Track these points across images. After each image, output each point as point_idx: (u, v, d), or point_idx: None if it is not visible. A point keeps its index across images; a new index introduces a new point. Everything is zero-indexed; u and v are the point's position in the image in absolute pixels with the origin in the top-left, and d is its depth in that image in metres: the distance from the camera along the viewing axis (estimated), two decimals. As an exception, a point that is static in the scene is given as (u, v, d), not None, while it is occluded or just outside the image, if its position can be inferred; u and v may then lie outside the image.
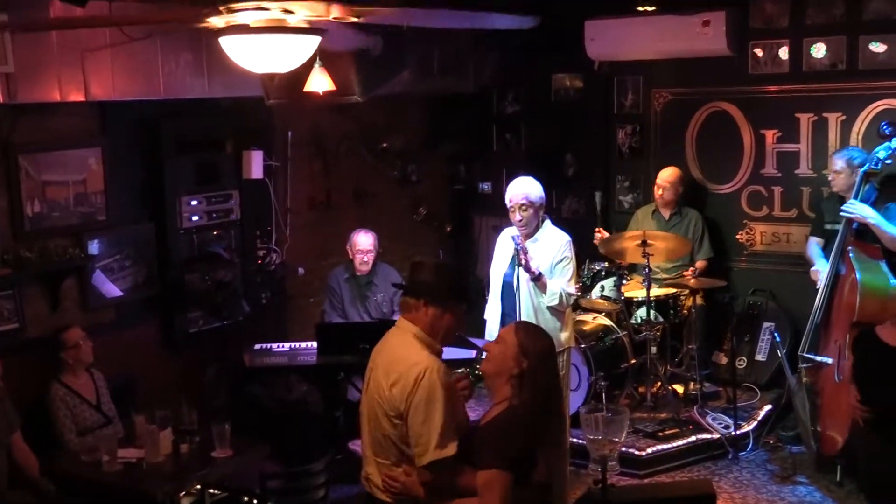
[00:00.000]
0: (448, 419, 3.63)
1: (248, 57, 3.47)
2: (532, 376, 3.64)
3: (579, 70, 8.63)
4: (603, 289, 7.63)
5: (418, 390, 3.62)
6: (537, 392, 3.64)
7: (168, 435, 5.36)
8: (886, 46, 7.25)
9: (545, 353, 3.73)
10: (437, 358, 3.76)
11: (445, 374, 3.71)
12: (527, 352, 3.65)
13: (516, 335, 3.71)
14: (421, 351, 3.76)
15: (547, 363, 3.73)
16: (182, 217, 6.85)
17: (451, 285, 3.84)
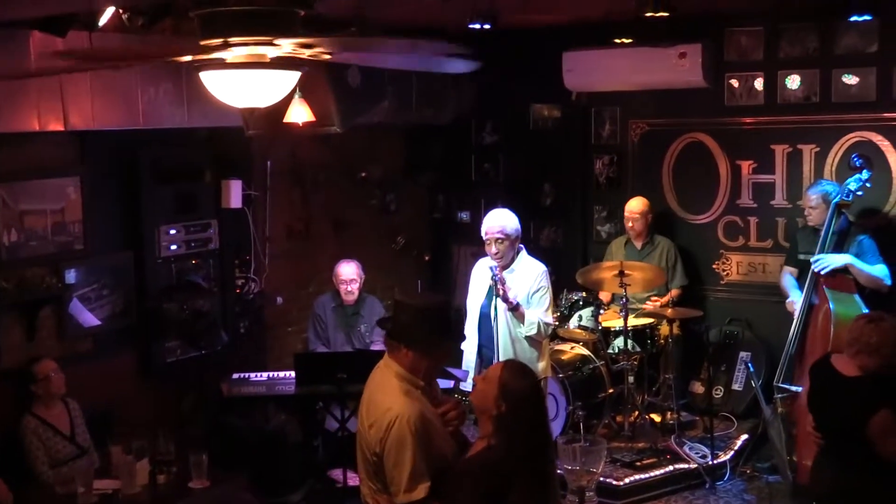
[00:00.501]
0: (417, 463, 3.66)
1: (228, 92, 3.49)
2: (510, 419, 3.59)
3: (557, 101, 8.69)
4: (580, 318, 7.67)
5: (389, 436, 3.68)
6: (514, 436, 3.58)
7: (145, 465, 5.33)
8: (859, 79, 7.36)
9: (526, 395, 3.64)
10: (412, 402, 3.75)
11: (419, 419, 3.70)
12: (507, 393, 3.61)
13: (500, 375, 3.68)
14: (397, 396, 3.77)
15: (528, 405, 3.65)
16: (160, 246, 6.85)
17: (433, 329, 3.81)
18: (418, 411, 3.72)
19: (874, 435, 4.33)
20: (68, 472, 5.39)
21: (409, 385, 3.82)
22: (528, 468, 3.58)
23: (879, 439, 4.33)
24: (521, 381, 3.65)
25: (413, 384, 3.83)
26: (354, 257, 7.56)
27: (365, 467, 3.91)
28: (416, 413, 3.71)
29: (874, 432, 4.33)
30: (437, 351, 3.88)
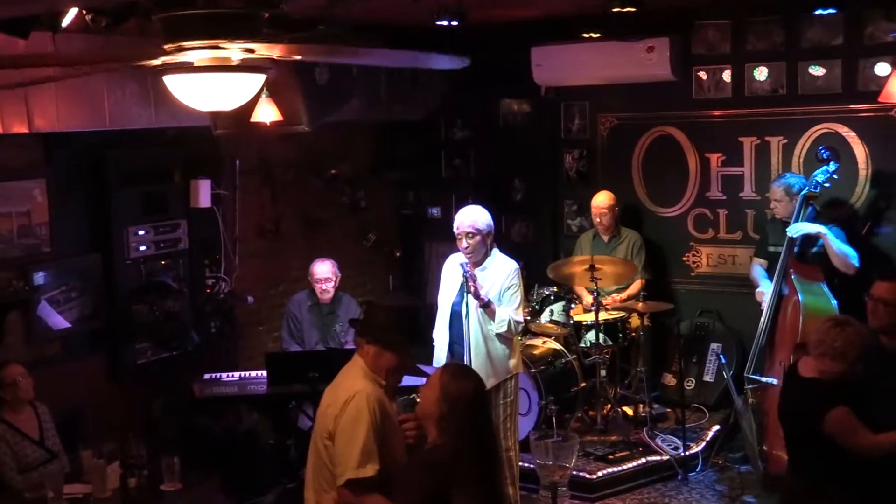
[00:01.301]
0: (369, 442, 3.77)
1: (193, 96, 3.47)
2: (450, 419, 3.61)
3: (526, 96, 8.71)
4: (552, 313, 7.69)
5: (346, 411, 3.81)
6: (457, 436, 3.59)
7: (115, 469, 5.29)
8: (825, 70, 7.41)
9: (465, 396, 3.65)
10: (374, 386, 3.90)
11: (378, 402, 3.83)
12: (446, 395, 3.63)
13: (440, 378, 3.71)
14: (359, 379, 3.94)
15: (467, 405, 3.65)
16: (129, 247, 6.80)
17: (390, 327, 3.95)
18: (377, 398, 3.85)
19: (832, 432, 4.33)
20: (38, 478, 5.33)
21: (373, 383, 3.98)
22: (472, 468, 3.58)
23: (839, 437, 4.33)
24: (461, 382, 3.67)
25: (376, 382, 3.97)
26: (325, 255, 7.53)
27: (314, 463, 4.03)
28: (375, 399, 3.84)
29: (832, 428, 4.33)
30: (394, 349, 3.97)
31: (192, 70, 3.39)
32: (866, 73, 7.24)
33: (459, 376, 3.70)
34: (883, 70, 7.06)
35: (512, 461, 6.13)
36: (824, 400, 4.37)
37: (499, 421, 6.07)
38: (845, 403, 4.34)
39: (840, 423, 4.32)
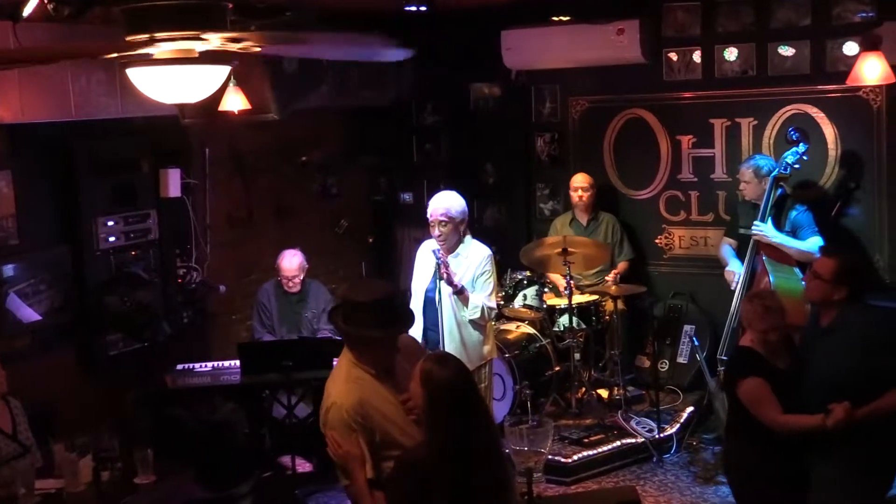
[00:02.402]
0: (350, 451, 3.78)
1: (157, 88, 3.42)
2: (430, 412, 3.54)
3: (497, 80, 8.69)
4: (525, 297, 7.70)
5: (327, 424, 3.88)
6: (436, 428, 3.51)
7: (88, 463, 5.22)
8: (795, 50, 7.43)
9: (444, 383, 3.54)
10: (352, 390, 3.87)
11: (353, 408, 3.81)
12: (426, 382, 3.55)
13: (421, 367, 3.64)
14: (339, 384, 3.93)
15: (446, 393, 3.54)
16: (98, 238, 6.72)
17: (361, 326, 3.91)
18: (356, 400, 3.81)
19: (743, 399, 4.57)
20: (9, 474, 5.27)
21: (360, 372, 3.95)
22: (453, 464, 3.47)
23: (748, 406, 4.55)
24: (440, 369, 3.58)
25: (365, 371, 3.95)
26: (297, 243, 7.50)
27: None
28: (353, 402, 3.81)
29: (742, 396, 4.57)
30: (372, 345, 3.93)
31: (155, 62, 3.35)
32: (834, 53, 7.26)
33: (437, 365, 3.61)
34: (851, 50, 7.08)
35: (487, 447, 6.14)
36: (742, 368, 4.64)
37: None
38: (763, 376, 4.52)
39: (749, 393, 4.55)
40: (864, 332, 4.46)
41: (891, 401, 4.34)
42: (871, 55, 6.42)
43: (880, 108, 7.17)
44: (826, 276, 4.55)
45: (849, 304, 4.52)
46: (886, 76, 6.45)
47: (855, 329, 4.47)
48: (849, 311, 4.51)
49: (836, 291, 4.52)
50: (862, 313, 4.54)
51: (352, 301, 3.94)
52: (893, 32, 6.72)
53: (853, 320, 4.48)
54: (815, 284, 4.63)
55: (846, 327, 4.49)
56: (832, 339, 4.51)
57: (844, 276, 4.53)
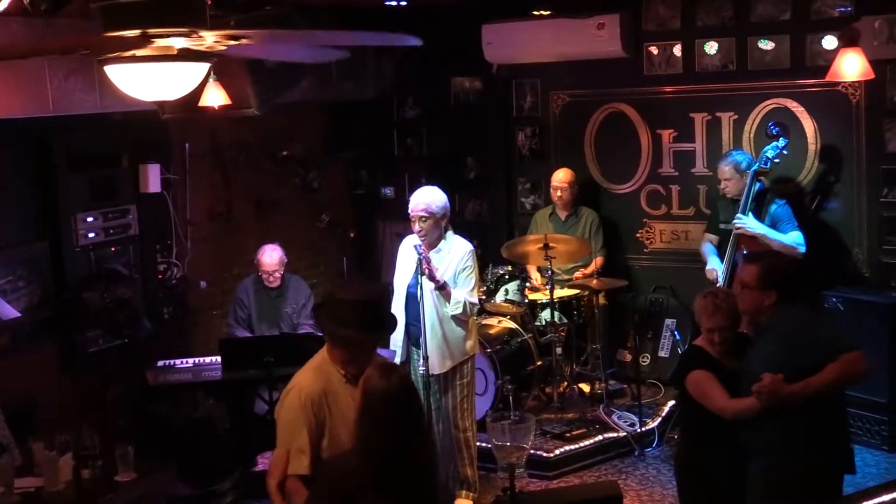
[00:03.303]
0: (297, 438, 3.78)
1: (136, 86, 3.39)
2: (363, 422, 3.38)
3: (478, 74, 8.68)
4: (507, 292, 7.70)
5: (283, 405, 3.88)
6: (366, 440, 3.35)
7: (68, 461, 5.19)
8: (775, 44, 7.45)
9: (381, 394, 3.37)
10: (317, 379, 3.87)
11: (317, 397, 3.79)
12: (364, 392, 3.42)
13: (365, 375, 3.51)
14: (305, 372, 3.95)
15: (381, 405, 3.37)
16: (78, 234, 6.67)
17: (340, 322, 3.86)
18: (319, 389, 3.80)
19: (692, 395, 4.60)
20: (-12, 473, 5.25)
21: (331, 368, 3.93)
22: (376, 478, 3.33)
23: (695, 397, 4.58)
24: (380, 379, 3.42)
25: (335, 370, 3.94)
26: (278, 238, 7.48)
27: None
28: (314, 389, 3.80)
29: (689, 388, 4.61)
30: (344, 343, 3.89)
31: (133, 60, 3.32)
32: (814, 47, 7.29)
33: (379, 374, 3.44)
34: (830, 44, 7.11)
35: (469, 442, 6.16)
36: (689, 365, 4.67)
37: (456, 402, 6.11)
38: (710, 369, 4.54)
39: (694, 385, 4.58)
40: (787, 332, 4.40)
41: (829, 375, 4.24)
42: (849, 51, 6.45)
43: (859, 102, 7.20)
44: (752, 283, 4.49)
45: (781, 306, 4.43)
46: (865, 72, 6.48)
47: (779, 329, 4.42)
48: (779, 312, 4.43)
49: (765, 297, 4.43)
50: (790, 314, 4.44)
51: (337, 298, 3.91)
52: (871, 27, 6.77)
53: (780, 321, 4.42)
54: (743, 294, 4.54)
55: (773, 328, 4.45)
56: (762, 339, 4.49)
57: (770, 280, 4.46)
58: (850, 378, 4.33)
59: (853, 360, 4.24)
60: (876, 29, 6.78)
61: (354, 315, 3.81)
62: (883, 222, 7.22)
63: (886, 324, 6.69)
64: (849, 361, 4.23)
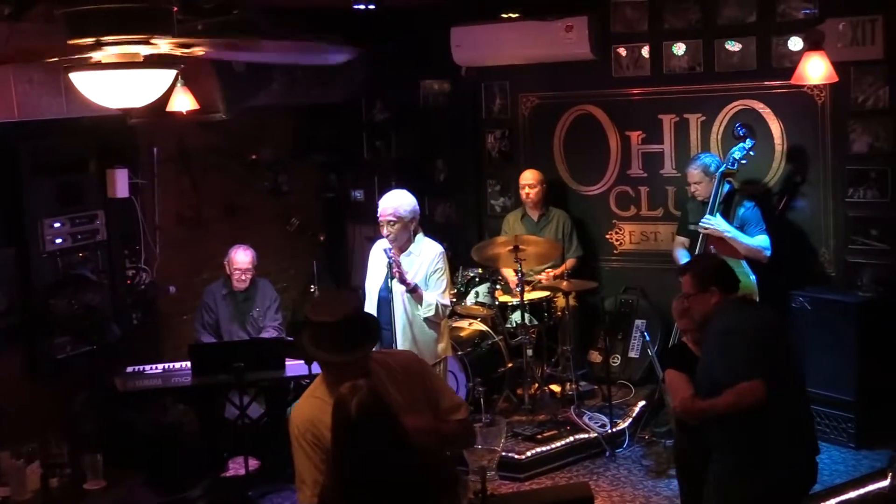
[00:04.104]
0: (297, 467, 3.71)
1: (101, 93, 3.36)
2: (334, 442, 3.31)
3: (447, 76, 8.69)
4: (477, 295, 7.71)
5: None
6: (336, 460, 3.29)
7: (35, 469, 5.17)
8: (741, 45, 7.50)
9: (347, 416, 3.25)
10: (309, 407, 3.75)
11: (303, 426, 3.69)
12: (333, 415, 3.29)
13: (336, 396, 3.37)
14: (303, 399, 3.84)
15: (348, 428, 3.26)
16: (44, 240, 6.61)
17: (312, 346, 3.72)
18: (306, 417, 3.71)
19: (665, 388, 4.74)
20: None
21: (325, 390, 3.76)
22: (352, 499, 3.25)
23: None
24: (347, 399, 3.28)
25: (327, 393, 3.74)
26: (248, 241, 7.44)
27: None
28: (304, 419, 3.71)
29: (665, 384, 4.77)
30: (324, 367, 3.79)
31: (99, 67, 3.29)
32: (780, 49, 7.35)
33: (345, 396, 3.30)
34: (796, 45, 7.18)
35: (441, 444, 6.15)
36: (669, 360, 4.86)
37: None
38: (688, 366, 4.53)
39: (667, 382, 4.70)
40: (717, 330, 4.41)
41: (726, 400, 4.22)
42: (814, 55, 6.53)
43: (824, 103, 7.27)
44: (693, 290, 4.52)
45: (723, 302, 4.46)
46: (829, 75, 6.57)
47: (712, 326, 4.45)
48: (721, 308, 4.46)
49: (710, 296, 4.47)
50: (723, 311, 4.45)
51: (313, 321, 3.71)
52: (836, 29, 6.83)
53: (715, 318, 4.45)
54: (691, 304, 4.56)
55: (711, 325, 4.47)
56: (706, 337, 4.53)
57: (707, 279, 4.50)
58: (743, 407, 4.20)
59: (745, 391, 4.17)
60: (840, 31, 6.85)
61: (332, 337, 3.63)
62: (848, 222, 7.29)
63: (853, 323, 6.76)
64: (742, 391, 4.18)
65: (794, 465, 4.38)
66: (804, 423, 4.46)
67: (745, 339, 4.29)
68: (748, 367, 4.21)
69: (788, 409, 4.32)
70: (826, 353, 6.83)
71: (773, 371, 4.24)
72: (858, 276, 7.17)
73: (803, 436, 4.42)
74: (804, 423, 4.46)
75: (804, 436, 4.43)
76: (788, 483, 4.35)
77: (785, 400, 4.28)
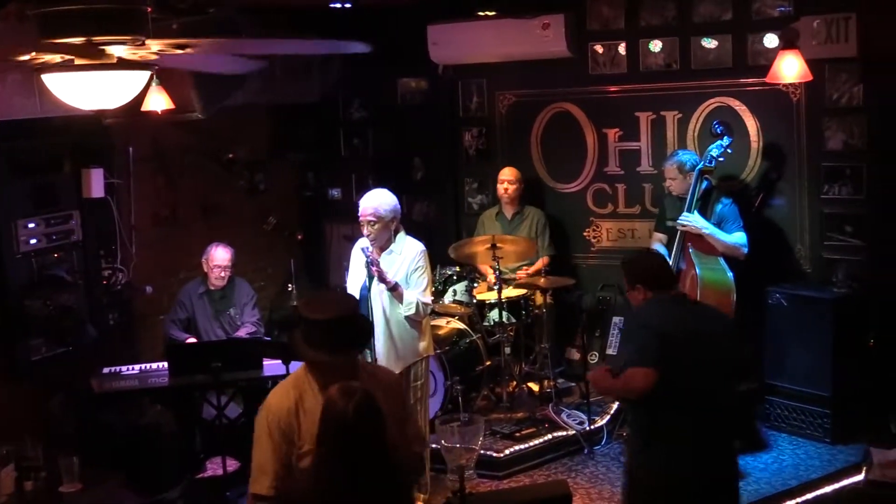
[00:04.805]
0: (261, 459, 3.67)
1: (74, 95, 3.33)
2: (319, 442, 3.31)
3: (424, 74, 8.68)
4: (455, 293, 7.71)
5: (255, 422, 3.75)
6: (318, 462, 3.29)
7: (10, 472, 5.12)
8: (717, 43, 7.52)
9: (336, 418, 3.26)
10: (286, 396, 3.73)
11: (277, 415, 3.66)
12: (322, 414, 3.30)
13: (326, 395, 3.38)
14: (279, 387, 3.82)
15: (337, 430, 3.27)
16: (19, 241, 6.57)
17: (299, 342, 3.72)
18: (283, 407, 3.68)
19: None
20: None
21: (310, 380, 3.75)
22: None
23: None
24: (336, 403, 3.31)
25: (312, 383, 3.76)
26: (225, 240, 7.42)
27: None
28: (282, 408, 3.68)
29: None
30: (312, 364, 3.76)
31: (71, 68, 3.26)
32: (755, 47, 7.37)
33: (338, 398, 3.32)
34: (771, 42, 7.21)
35: (422, 444, 6.15)
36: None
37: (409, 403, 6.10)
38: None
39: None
40: (630, 321, 4.73)
41: (617, 383, 4.50)
42: (789, 53, 6.57)
43: (800, 100, 7.30)
44: (627, 287, 4.75)
45: (654, 298, 4.60)
46: (804, 74, 6.61)
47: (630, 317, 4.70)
48: (646, 303, 4.62)
49: (637, 293, 4.65)
50: (647, 305, 4.62)
51: (307, 318, 3.69)
52: (810, 27, 6.86)
53: (638, 311, 4.65)
54: (627, 297, 4.78)
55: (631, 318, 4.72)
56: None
57: (633, 276, 4.68)
58: (632, 391, 4.45)
59: (632, 376, 4.37)
60: (815, 29, 6.87)
61: (324, 336, 3.61)
62: (824, 218, 7.32)
63: (828, 319, 6.80)
64: (629, 375, 4.39)
65: (673, 468, 4.47)
66: (697, 436, 4.45)
67: (648, 331, 4.44)
68: (639, 354, 4.40)
69: (679, 412, 4.40)
70: (802, 348, 6.88)
71: (671, 368, 4.34)
72: (834, 272, 7.21)
73: (690, 447, 4.45)
74: (697, 436, 4.45)
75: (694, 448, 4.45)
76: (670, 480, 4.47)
77: (677, 401, 4.38)
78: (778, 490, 6.25)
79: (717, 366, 4.49)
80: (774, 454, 6.81)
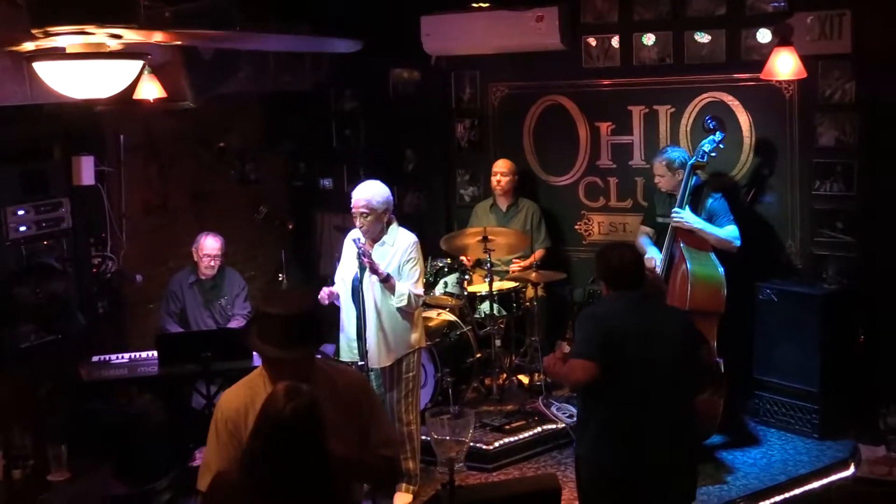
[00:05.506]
0: (208, 455, 3.67)
1: (66, 83, 3.30)
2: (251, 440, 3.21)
3: (416, 65, 8.65)
4: (446, 285, 7.70)
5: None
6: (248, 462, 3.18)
7: (-2, 461, 5.12)
8: (711, 37, 7.52)
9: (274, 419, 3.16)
10: (241, 394, 3.70)
11: (228, 412, 3.63)
12: (261, 411, 3.21)
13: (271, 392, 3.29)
14: (234, 388, 3.79)
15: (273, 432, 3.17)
16: (8, 228, 6.51)
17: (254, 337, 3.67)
18: (232, 407, 3.65)
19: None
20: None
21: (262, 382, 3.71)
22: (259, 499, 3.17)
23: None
24: (278, 402, 3.19)
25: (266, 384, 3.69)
26: (215, 230, 7.39)
27: None
28: (230, 408, 3.65)
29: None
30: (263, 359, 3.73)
31: (64, 57, 3.24)
32: (749, 42, 7.38)
33: (281, 394, 3.21)
34: (765, 38, 7.21)
35: (413, 435, 6.17)
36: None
37: (401, 395, 6.11)
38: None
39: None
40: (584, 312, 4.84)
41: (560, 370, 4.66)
42: (783, 50, 6.58)
43: (792, 96, 7.31)
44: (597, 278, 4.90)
45: (614, 294, 4.65)
46: (798, 71, 6.62)
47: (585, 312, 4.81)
48: (605, 298, 4.75)
49: (603, 288, 4.77)
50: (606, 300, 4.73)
51: (263, 312, 3.69)
52: (804, 23, 6.87)
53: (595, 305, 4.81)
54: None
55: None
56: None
57: (600, 272, 4.75)
58: (573, 381, 4.63)
59: (572, 367, 4.49)
60: (808, 25, 6.88)
61: (277, 331, 3.56)
62: (815, 215, 7.34)
63: (818, 315, 6.82)
64: (570, 365, 4.51)
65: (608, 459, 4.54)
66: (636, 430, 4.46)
67: (596, 324, 4.52)
68: (581, 346, 4.51)
69: (619, 406, 4.45)
70: (791, 344, 6.90)
71: (613, 362, 4.38)
72: (824, 268, 7.23)
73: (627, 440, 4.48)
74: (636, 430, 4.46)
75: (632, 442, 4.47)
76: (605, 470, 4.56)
77: (618, 395, 4.43)
78: (766, 485, 6.26)
79: (664, 365, 4.47)
80: (763, 449, 6.84)
